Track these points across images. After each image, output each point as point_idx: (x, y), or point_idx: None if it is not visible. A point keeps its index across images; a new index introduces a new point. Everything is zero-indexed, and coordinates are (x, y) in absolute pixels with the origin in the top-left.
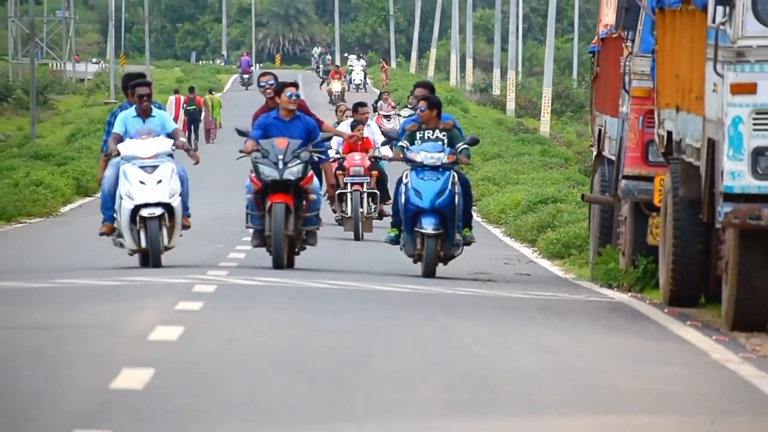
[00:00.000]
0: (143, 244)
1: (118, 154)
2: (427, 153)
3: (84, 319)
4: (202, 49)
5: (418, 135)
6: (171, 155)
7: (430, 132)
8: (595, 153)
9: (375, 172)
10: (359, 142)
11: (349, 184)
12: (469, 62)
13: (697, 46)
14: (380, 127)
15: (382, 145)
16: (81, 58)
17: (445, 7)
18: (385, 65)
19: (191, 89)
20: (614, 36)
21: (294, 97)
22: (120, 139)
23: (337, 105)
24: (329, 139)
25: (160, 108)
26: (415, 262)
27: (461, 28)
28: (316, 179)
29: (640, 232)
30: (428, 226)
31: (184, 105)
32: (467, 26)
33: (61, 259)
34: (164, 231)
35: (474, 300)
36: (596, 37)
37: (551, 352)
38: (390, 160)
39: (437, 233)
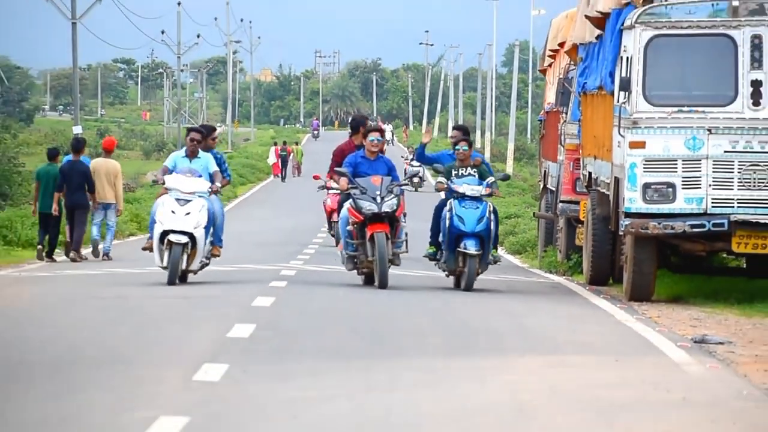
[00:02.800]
0: (164, 263)
1: (163, 183)
2: (469, 186)
3: (208, 293)
4: (287, 117)
5: (454, 171)
6: (220, 193)
7: (464, 169)
8: (541, 186)
9: None
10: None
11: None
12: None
13: (607, 117)
14: (405, 168)
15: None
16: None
17: (444, 91)
18: (406, 129)
19: (284, 143)
20: (554, 110)
21: (376, 141)
22: (168, 172)
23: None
24: (416, 175)
25: (214, 155)
26: (448, 276)
27: (455, 104)
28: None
29: (571, 237)
30: (471, 247)
31: (280, 152)
32: (459, 103)
33: None
34: (185, 257)
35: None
36: (543, 111)
37: (512, 315)
38: (437, 190)
39: (478, 254)
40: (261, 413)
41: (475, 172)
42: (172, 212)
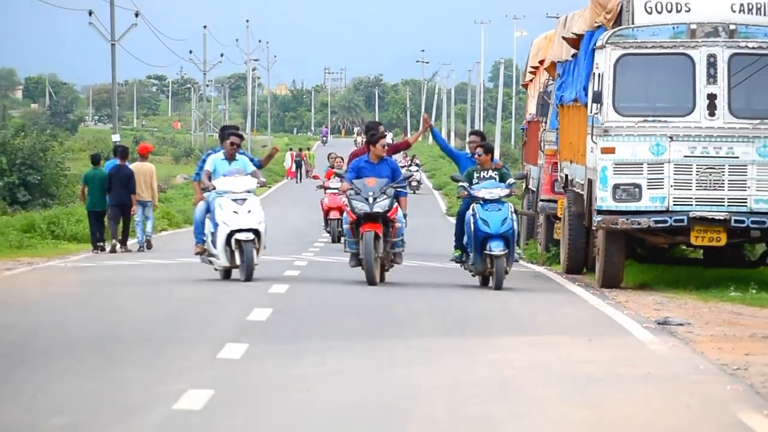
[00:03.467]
0: (237, 262)
1: (214, 188)
2: (487, 189)
3: (230, 281)
4: (300, 126)
5: (476, 174)
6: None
7: (485, 172)
8: (524, 186)
9: None
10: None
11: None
12: (452, 135)
13: (582, 126)
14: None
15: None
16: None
17: (438, 103)
18: (405, 136)
19: (300, 149)
20: (535, 120)
21: (385, 146)
22: (209, 176)
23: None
24: (409, 178)
25: (243, 154)
26: (474, 275)
27: (448, 115)
28: (400, 210)
29: (549, 231)
30: (497, 248)
31: (295, 157)
32: (451, 114)
33: None
34: (254, 251)
35: (457, 271)
36: (525, 120)
37: (498, 300)
38: (458, 197)
39: (504, 254)
40: (277, 387)
41: (496, 174)
42: (235, 212)
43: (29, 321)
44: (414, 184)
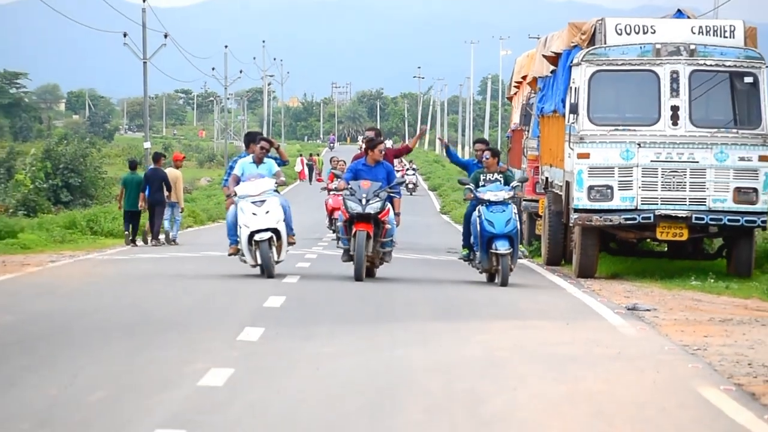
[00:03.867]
0: (258, 260)
1: (235, 194)
2: (492, 192)
3: (247, 272)
4: (310, 134)
5: (482, 177)
6: (277, 191)
7: (491, 175)
8: None
9: None
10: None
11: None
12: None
13: (560, 134)
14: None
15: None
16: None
17: (432, 114)
18: (403, 143)
19: (310, 155)
20: (519, 129)
21: (383, 151)
22: (237, 180)
23: (331, 158)
24: (402, 183)
25: (269, 157)
26: (481, 272)
27: (441, 124)
28: (392, 212)
29: (532, 228)
30: (502, 247)
31: (306, 162)
32: (444, 123)
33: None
34: (274, 250)
35: (447, 263)
36: (510, 129)
37: (487, 289)
38: (464, 199)
39: (508, 252)
40: (290, 366)
41: (501, 177)
42: (254, 214)
43: (71, 307)
44: (411, 186)
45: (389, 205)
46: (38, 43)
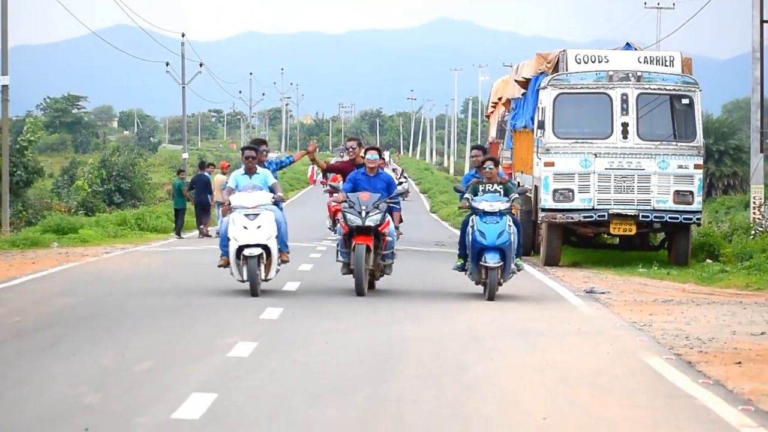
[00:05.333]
0: (245, 277)
1: (230, 204)
2: (488, 202)
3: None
4: (320, 147)
5: (481, 187)
6: (276, 203)
7: (491, 185)
8: None
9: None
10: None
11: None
12: (433, 152)
13: (530, 146)
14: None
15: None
16: (269, 149)
17: (423, 130)
18: (398, 154)
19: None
20: (495, 141)
21: (372, 159)
22: (232, 192)
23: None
24: (404, 193)
25: (268, 166)
26: (477, 284)
27: (431, 138)
28: (392, 224)
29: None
30: (491, 260)
31: (317, 169)
32: (433, 137)
33: None
34: (262, 267)
35: (438, 254)
36: (488, 142)
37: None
38: (460, 208)
39: (498, 266)
40: (305, 340)
41: (501, 188)
42: (245, 228)
43: (121, 290)
44: (406, 195)
45: (389, 217)
46: (95, 72)
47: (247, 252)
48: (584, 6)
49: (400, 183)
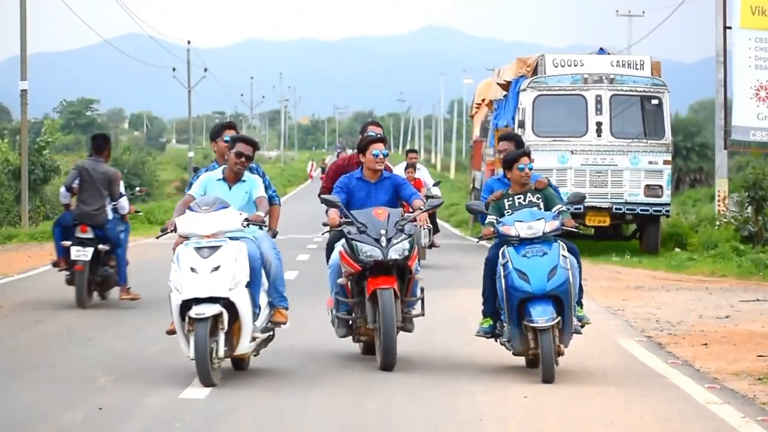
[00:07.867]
0: (191, 354)
1: (174, 230)
2: (522, 223)
3: None
4: (317, 145)
5: (507, 201)
6: (264, 225)
7: (521, 197)
8: (471, 186)
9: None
10: (412, 183)
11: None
12: (422, 150)
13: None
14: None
15: (433, 186)
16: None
17: (412, 129)
18: (416, 155)
19: (323, 160)
20: (479, 140)
21: (381, 156)
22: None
23: (323, 158)
24: (438, 205)
25: (256, 171)
26: (514, 354)
27: (419, 137)
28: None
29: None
30: (541, 317)
31: (320, 164)
32: (421, 136)
33: None
34: (221, 336)
35: (430, 252)
36: (472, 140)
37: (456, 264)
38: (480, 238)
39: (552, 324)
40: (303, 324)
41: (539, 198)
42: (192, 271)
43: (134, 280)
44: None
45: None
46: (107, 77)
47: (195, 312)
48: (561, 13)
49: (439, 203)
